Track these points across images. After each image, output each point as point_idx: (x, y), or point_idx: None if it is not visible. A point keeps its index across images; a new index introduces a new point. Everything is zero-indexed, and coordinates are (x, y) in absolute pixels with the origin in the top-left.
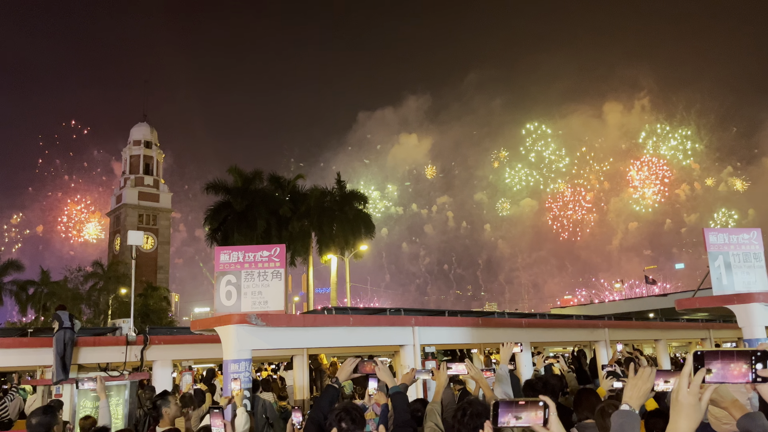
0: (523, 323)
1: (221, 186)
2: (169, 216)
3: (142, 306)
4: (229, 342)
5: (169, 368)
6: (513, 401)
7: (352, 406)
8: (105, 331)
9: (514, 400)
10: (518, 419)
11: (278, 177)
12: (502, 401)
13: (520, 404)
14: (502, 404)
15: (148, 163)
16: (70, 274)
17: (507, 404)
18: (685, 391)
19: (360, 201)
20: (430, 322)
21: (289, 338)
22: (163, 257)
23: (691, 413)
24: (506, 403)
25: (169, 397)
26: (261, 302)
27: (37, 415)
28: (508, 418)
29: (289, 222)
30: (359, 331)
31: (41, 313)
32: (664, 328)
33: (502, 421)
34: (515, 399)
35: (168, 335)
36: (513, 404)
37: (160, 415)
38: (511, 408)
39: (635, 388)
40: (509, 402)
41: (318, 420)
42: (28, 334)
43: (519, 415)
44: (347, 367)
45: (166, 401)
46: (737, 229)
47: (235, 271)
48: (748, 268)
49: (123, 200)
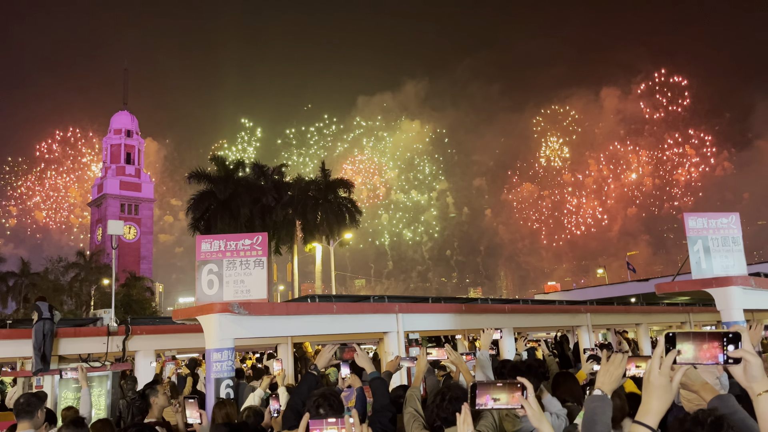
0: (506, 309)
1: (203, 175)
2: (151, 206)
3: (124, 296)
4: (211, 331)
5: (151, 358)
6: (491, 383)
7: (330, 391)
8: (86, 322)
9: (492, 382)
10: (496, 401)
11: (261, 165)
12: (480, 383)
13: (498, 386)
14: (480, 386)
15: (129, 153)
16: (51, 265)
17: (485, 386)
18: (657, 372)
19: (345, 188)
20: (413, 309)
21: (273, 327)
22: (146, 247)
23: (662, 394)
24: (484, 385)
25: (158, 387)
26: (243, 291)
27: (26, 396)
28: (486, 400)
29: (272, 211)
30: (343, 318)
31: (22, 305)
32: (644, 312)
33: (479, 403)
34: (493, 381)
35: (150, 325)
36: (491, 386)
37: (149, 404)
38: (489, 389)
39: (607, 374)
40: (487, 384)
41: (297, 407)
42: (7, 325)
43: (497, 397)
44: (325, 354)
45: (155, 390)
46: (716, 214)
47: (216, 260)
48: (727, 252)
49: (104, 190)
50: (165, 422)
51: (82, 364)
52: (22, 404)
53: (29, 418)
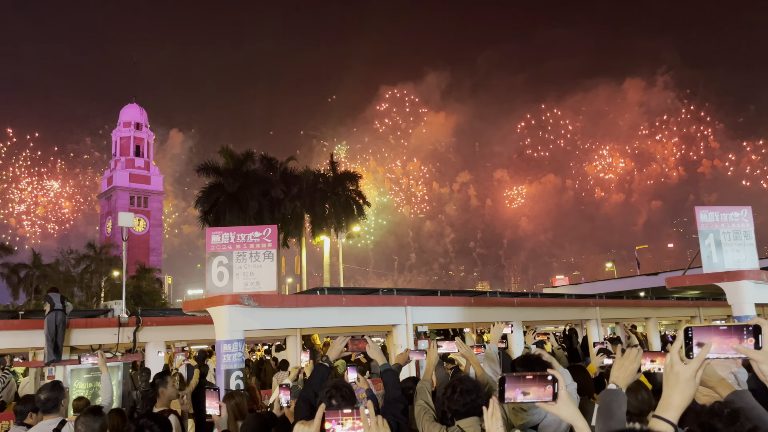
0: (515, 302)
1: (213, 167)
2: (160, 198)
3: (134, 288)
4: (221, 323)
5: (162, 350)
6: (520, 375)
7: (342, 383)
8: (97, 313)
9: (522, 374)
10: (526, 395)
11: (270, 158)
12: (509, 376)
13: (528, 378)
14: (509, 379)
15: (138, 145)
16: (62, 257)
17: (514, 379)
18: (679, 365)
19: (352, 181)
20: (422, 302)
21: (282, 319)
22: (155, 239)
23: (685, 388)
24: (513, 378)
25: (168, 378)
26: (253, 283)
27: (45, 391)
28: (516, 394)
29: (281, 203)
30: (352, 311)
31: (33, 296)
32: (654, 306)
33: (508, 397)
34: (523, 373)
35: (160, 317)
36: (520, 379)
37: (157, 394)
38: (518, 383)
39: (622, 368)
40: (516, 377)
41: (309, 399)
42: (19, 316)
43: (527, 391)
44: (337, 346)
45: (164, 381)
46: (728, 207)
47: (226, 252)
48: (738, 246)
49: (114, 182)
50: (172, 411)
51: (101, 351)
52: (45, 401)
53: (56, 411)
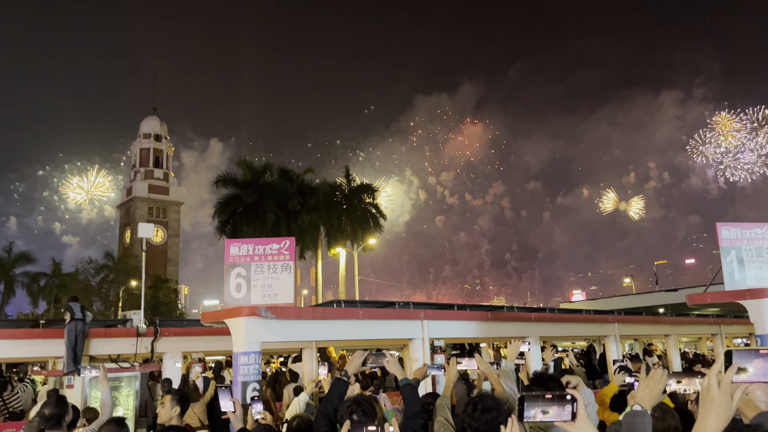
0: (533, 317)
1: (230, 179)
2: (179, 209)
3: (151, 298)
4: (238, 334)
5: (179, 360)
6: (539, 395)
7: (363, 398)
8: (116, 323)
9: (541, 394)
10: (545, 414)
11: (287, 170)
12: (528, 395)
13: (547, 398)
14: (528, 398)
15: (158, 156)
16: (82, 266)
17: (533, 398)
18: (716, 389)
19: (369, 193)
20: (439, 316)
21: (299, 331)
22: (173, 250)
23: (721, 411)
24: (533, 398)
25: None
26: (270, 295)
27: (49, 407)
28: (535, 413)
29: (298, 215)
30: (368, 324)
31: (53, 305)
32: (674, 323)
33: (528, 416)
34: (541, 392)
35: (178, 327)
36: (539, 398)
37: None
38: (537, 402)
39: (647, 389)
40: (536, 396)
41: (328, 414)
42: (40, 325)
43: (546, 410)
44: (356, 360)
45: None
46: (750, 224)
47: (245, 263)
48: (761, 263)
49: (133, 193)
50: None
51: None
52: (48, 417)
53: (59, 427)
